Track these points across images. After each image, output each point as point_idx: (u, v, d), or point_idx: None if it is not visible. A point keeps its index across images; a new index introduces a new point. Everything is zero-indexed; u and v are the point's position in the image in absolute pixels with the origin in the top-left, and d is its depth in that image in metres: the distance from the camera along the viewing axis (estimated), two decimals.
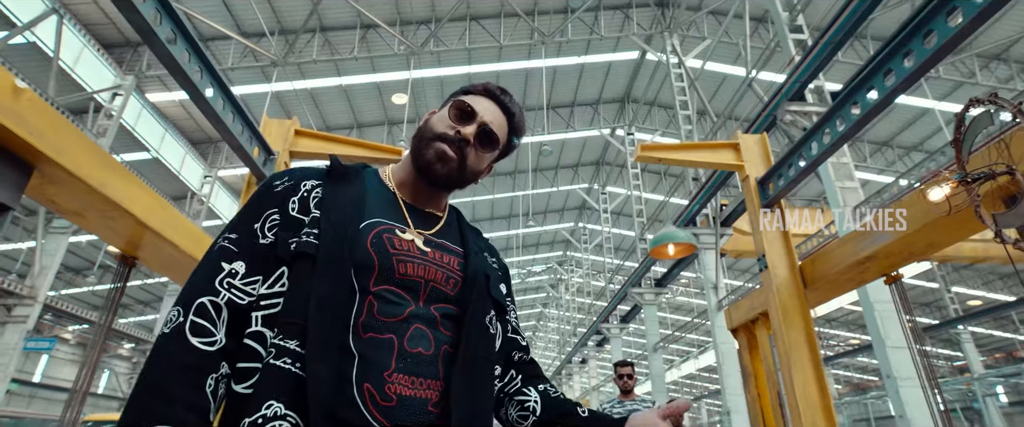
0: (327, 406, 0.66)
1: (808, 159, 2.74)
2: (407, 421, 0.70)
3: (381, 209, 0.86)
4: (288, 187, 0.84)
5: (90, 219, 2.07)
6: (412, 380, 0.73)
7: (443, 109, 0.95)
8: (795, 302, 2.79)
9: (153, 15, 1.72)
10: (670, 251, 5.20)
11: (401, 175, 0.94)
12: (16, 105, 1.54)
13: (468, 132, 0.90)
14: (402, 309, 0.77)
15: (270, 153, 3.05)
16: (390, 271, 0.78)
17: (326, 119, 15.89)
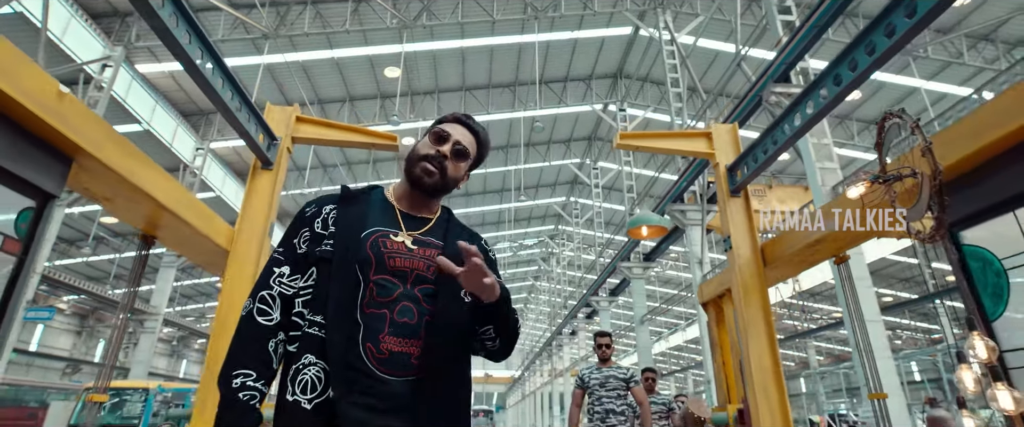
0: (341, 358, 1.01)
1: (773, 147, 2.98)
2: (395, 368, 1.03)
3: (380, 220, 1.17)
4: (314, 212, 1.19)
5: (117, 203, 2.30)
6: (399, 340, 1.05)
7: (425, 137, 1.26)
8: (755, 280, 3.08)
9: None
10: (644, 233, 5.61)
11: (400, 190, 1.25)
12: (60, 107, 1.75)
13: (445, 150, 1.21)
14: (393, 291, 1.08)
15: (273, 139, 3.26)
16: (383, 265, 1.10)
17: (318, 92, 15.85)
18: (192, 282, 27.12)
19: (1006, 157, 1.80)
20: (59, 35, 11.96)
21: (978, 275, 1.96)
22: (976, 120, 1.82)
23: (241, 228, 3.06)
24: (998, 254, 1.90)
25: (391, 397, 1.01)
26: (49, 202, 1.87)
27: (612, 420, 3.65)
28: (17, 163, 1.72)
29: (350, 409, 0.97)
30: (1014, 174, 1.80)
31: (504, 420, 44.05)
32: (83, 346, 26.07)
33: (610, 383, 3.73)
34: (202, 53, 2.48)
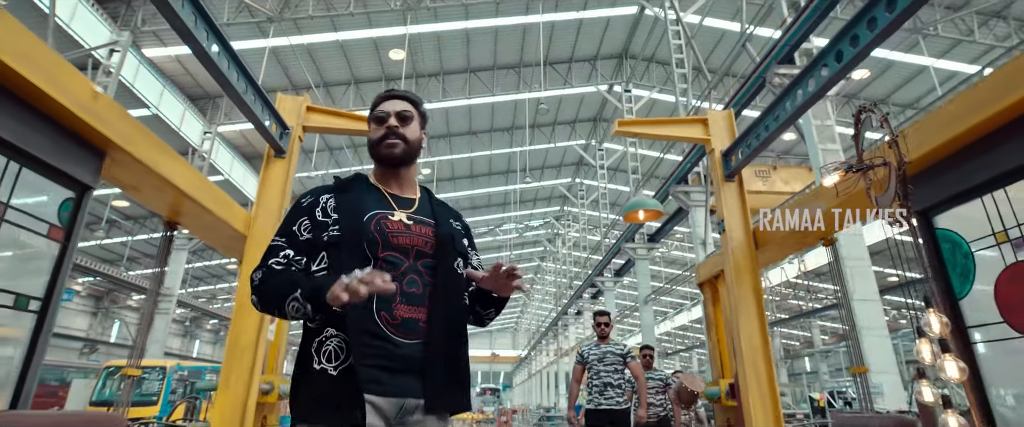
0: (360, 326, 1.14)
1: (766, 132, 3.09)
2: (407, 332, 1.18)
3: (375, 203, 1.29)
4: (312, 202, 1.29)
5: (144, 192, 2.47)
6: (409, 308, 1.19)
7: (371, 121, 1.40)
8: (747, 262, 3.22)
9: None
10: (641, 217, 5.78)
11: (378, 175, 1.38)
12: (95, 105, 1.90)
13: (392, 123, 1.34)
14: (401, 266, 1.23)
15: (285, 128, 3.40)
16: (388, 243, 1.23)
17: (323, 75, 15.91)
18: (203, 264, 27.58)
19: (974, 147, 1.92)
20: (67, 20, 12.05)
21: (948, 257, 2.09)
22: (946, 112, 1.93)
23: (257, 213, 3.23)
24: (966, 237, 2.03)
25: (403, 358, 1.15)
26: (86, 193, 2.03)
27: (610, 393, 3.85)
28: (58, 158, 1.88)
29: (369, 371, 1.11)
30: (981, 163, 1.92)
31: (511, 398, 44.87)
32: (99, 327, 26.71)
33: (608, 359, 3.92)
34: (207, 34, 2.54)
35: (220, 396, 2.92)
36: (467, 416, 21.01)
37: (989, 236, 1.94)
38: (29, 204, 1.83)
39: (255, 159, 19.31)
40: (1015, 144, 1.77)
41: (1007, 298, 1.86)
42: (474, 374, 52.33)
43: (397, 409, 1.14)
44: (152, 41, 14.36)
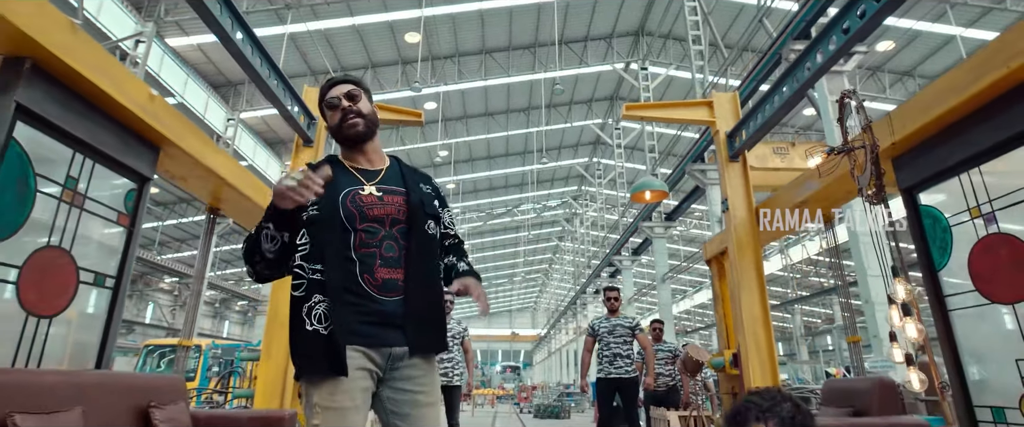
0: (342, 288, 1.28)
1: (768, 113, 3.22)
2: (388, 291, 1.32)
3: (346, 180, 1.41)
4: None
5: (191, 181, 2.74)
6: (388, 270, 1.34)
7: (323, 107, 1.50)
8: (749, 238, 3.39)
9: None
10: (647, 197, 5.95)
11: (346, 154, 1.50)
12: (152, 106, 2.15)
13: (344, 105, 1.45)
14: (378, 234, 1.36)
15: (312, 118, 3.64)
16: (364, 216, 1.36)
17: (341, 60, 16.11)
18: (230, 247, 28.40)
19: (951, 129, 2.05)
20: (95, 14, 12.44)
21: (930, 231, 2.24)
22: (926, 96, 2.07)
23: None
24: (946, 213, 2.18)
25: (386, 314, 1.30)
26: (146, 183, 2.30)
27: (619, 362, 4.08)
28: (122, 153, 2.14)
29: (357, 326, 1.27)
30: (958, 143, 2.05)
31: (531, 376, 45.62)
32: (134, 308, 27.87)
33: (617, 331, 4.14)
34: (232, 24, 2.74)
35: (263, 365, 3.23)
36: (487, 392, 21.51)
37: (965, 211, 2.09)
38: (101, 195, 2.10)
39: (277, 144, 19.74)
40: (987, 126, 1.90)
41: (978, 268, 2.02)
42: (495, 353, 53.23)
43: (386, 358, 1.31)
44: (175, 31, 14.69)
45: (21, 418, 1.40)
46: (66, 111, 1.87)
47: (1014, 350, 1.92)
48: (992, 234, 1.98)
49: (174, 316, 26.78)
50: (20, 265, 1.82)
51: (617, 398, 4.13)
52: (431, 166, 22.37)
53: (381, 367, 1.32)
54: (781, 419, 1.07)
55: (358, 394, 1.26)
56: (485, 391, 23.37)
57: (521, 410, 19.11)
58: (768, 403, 1.11)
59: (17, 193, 1.74)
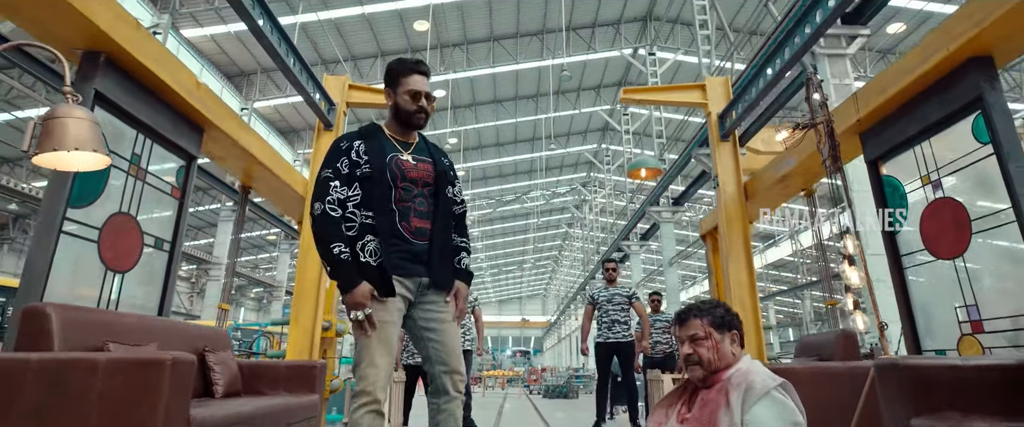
0: (389, 231, 1.65)
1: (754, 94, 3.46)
2: (420, 236, 1.71)
3: (390, 147, 1.77)
4: (348, 146, 1.75)
5: (228, 161, 3.06)
6: (419, 220, 1.72)
7: (402, 90, 1.80)
8: (737, 212, 3.66)
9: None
10: (643, 174, 6.24)
11: (393, 127, 1.83)
12: (198, 92, 2.47)
13: (423, 104, 1.80)
14: (413, 191, 1.73)
15: (331, 104, 3.95)
16: (404, 176, 1.72)
17: (351, 49, 16.36)
18: (246, 235, 29.02)
19: (906, 106, 2.30)
20: None
21: (890, 198, 2.50)
22: (885, 77, 2.32)
23: (313, 179, 3.81)
24: (903, 180, 2.44)
25: (416, 253, 1.69)
26: (192, 161, 2.63)
27: (617, 328, 4.41)
28: (175, 134, 2.46)
29: (396, 260, 1.65)
30: (913, 118, 2.30)
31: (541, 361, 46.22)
32: None
33: (615, 299, 4.46)
34: (263, 17, 3.03)
35: (292, 329, 3.57)
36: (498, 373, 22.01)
37: (917, 179, 2.35)
38: (157, 170, 2.43)
39: (289, 133, 20.11)
40: (934, 102, 2.16)
41: (928, 230, 2.28)
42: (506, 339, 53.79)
43: (416, 285, 1.70)
44: (189, 22, 15.02)
45: (113, 346, 1.74)
46: (131, 97, 2.18)
47: (954, 298, 2.18)
48: (938, 199, 2.24)
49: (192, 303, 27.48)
50: (100, 227, 2.16)
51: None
52: None
53: (413, 293, 1.70)
54: (714, 316, 1.40)
55: (395, 312, 1.65)
56: (495, 373, 23.82)
57: (531, 392, 19.60)
58: (707, 306, 1.44)
59: None
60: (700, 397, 1.35)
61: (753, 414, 1.21)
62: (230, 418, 1.83)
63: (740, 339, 1.42)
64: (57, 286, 1.98)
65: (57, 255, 1.96)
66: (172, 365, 1.44)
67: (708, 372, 1.36)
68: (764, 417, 1.20)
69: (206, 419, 1.64)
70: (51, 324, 1.59)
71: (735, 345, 1.39)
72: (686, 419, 1.33)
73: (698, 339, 1.39)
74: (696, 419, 1.29)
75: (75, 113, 1.37)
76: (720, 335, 1.38)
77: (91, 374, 1.42)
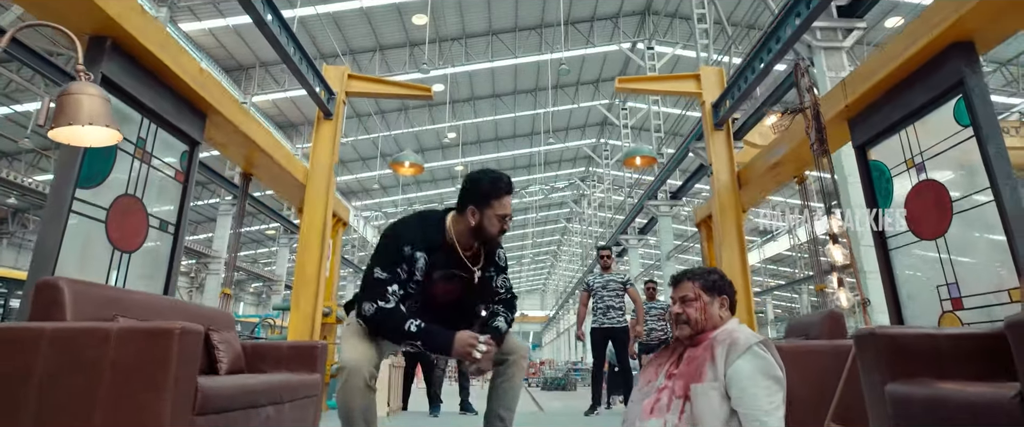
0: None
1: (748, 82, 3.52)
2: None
3: (456, 264, 1.71)
4: (411, 254, 1.65)
5: (230, 148, 3.11)
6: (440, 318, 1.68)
7: (491, 213, 1.68)
8: (731, 199, 3.73)
9: None
10: (637, 162, 6.34)
11: (463, 239, 1.72)
12: (201, 78, 2.52)
13: (507, 226, 1.71)
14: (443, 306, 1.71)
15: (331, 93, 4.01)
16: (435, 302, 1.70)
17: (350, 43, 16.36)
18: (244, 230, 29.05)
19: (891, 92, 2.37)
20: None
21: (876, 182, 2.57)
22: (871, 64, 2.38)
23: (313, 167, 3.88)
24: (888, 164, 2.50)
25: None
26: (196, 147, 2.68)
27: (611, 314, 4.50)
28: (178, 118, 2.51)
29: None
30: (898, 104, 2.37)
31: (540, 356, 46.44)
32: None
33: (610, 286, 4.55)
34: (264, 8, 3.08)
35: (293, 314, 3.64)
36: None
37: (902, 163, 2.41)
38: (162, 154, 2.49)
39: (287, 127, 20.11)
40: (918, 87, 2.22)
41: (912, 212, 2.35)
42: None
43: None
44: (188, 16, 15.00)
45: (123, 320, 1.80)
46: (137, 82, 2.24)
47: (936, 278, 2.26)
48: (922, 181, 2.31)
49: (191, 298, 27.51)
50: (107, 207, 2.22)
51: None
52: (439, 148, 22.71)
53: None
54: (705, 280, 1.47)
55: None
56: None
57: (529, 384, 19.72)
58: (701, 271, 1.52)
59: (104, 149, 2.12)
60: (687, 354, 1.44)
61: (735, 367, 1.29)
62: (235, 389, 1.90)
63: (730, 305, 1.50)
64: (67, 265, 2.04)
65: (67, 234, 2.03)
66: (180, 334, 1.51)
67: (694, 331, 1.45)
68: (745, 370, 1.28)
69: (212, 388, 1.71)
70: (63, 296, 1.66)
71: (724, 310, 1.48)
72: (673, 374, 1.41)
73: (688, 300, 1.48)
74: (683, 374, 1.38)
75: (88, 90, 1.43)
76: (709, 298, 1.47)
77: (103, 342, 1.49)
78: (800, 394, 2.04)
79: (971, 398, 1.25)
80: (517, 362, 1.75)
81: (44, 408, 1.45)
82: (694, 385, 1.32)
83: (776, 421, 1.25)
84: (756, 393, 1.26)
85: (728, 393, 1.29)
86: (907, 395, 1.42)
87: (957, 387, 1.34)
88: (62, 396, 1.45)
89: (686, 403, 1.31)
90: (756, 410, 1.25)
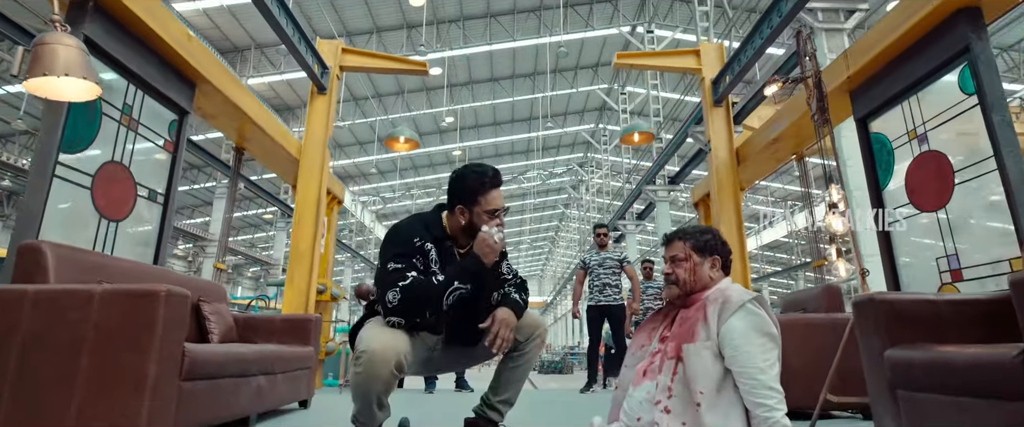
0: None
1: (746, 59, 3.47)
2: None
3: (451, 258, 1.59)
4: (421, 244, 1.55)
5: (220, 120, 3.05)
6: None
7: (480, 210, 1.59)
8: (729, 176, 3.69)
9: None
10: (636, 139, 6.30)
11: (459, 237, 1.64)
12: (189, 45, 2.45)
13: (502, 221, 1.61)
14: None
15: (325, 67, 3.93)
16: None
17: (346, 24, 16.15)
18: (240, 214, 28.93)
19: (893, 63, 2.32)
20: None
21: (877, 154, 2.53)
22: (872, 35, 2.32)
23: (306, 141, 3.82)
24: (890, 137, 2.46)
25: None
26: (185, 116, 2.63)
27: (608, 291, 4.48)
28: (166, 86, 2.45)
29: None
30: (899, 74, 2.32)
31: None
32: None
33: (606, 263, 4.52)
34: None
35: (287, 290, 3.61)
36: None
37: (904, 135, 2.37)
38: (151, 123, 2.43)
39: (284, 111, 19.93)
40: (920, 57, 2.17)
41: (913, 183, 2.32)
42: None
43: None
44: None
45: (110, 285, 1.76)
46: (122, 45, 2.18)
47: (935, 251, 2.23)
48: (924, 152, 2.27)
49: None
50: (93, 174, 2.17)
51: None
52: (437, 132, 22.57)
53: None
54: (697, 240, 1.43)
55: (421, 346, 1.57)
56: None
57: None
58: (693, 230, 1.47)
59: (88, 114, 2.07)
60: (680, 315, 1.40)
61: (729, 325, 1.25)
62: (225, 356, 1.87)
63: (723, 265, 1.45)
64: (51, 232, 2.00)
65: (51, 200, 1.98)
66: (166, 296, 1.47)
67: (684, 292, 1.41)
68: (739, 327, 1.24)
69: (200, 354, 1.68)
70: (46, 260, 1.62)
71: (716, 270, 1.43)
72: (666, 337, 1.38)
73: (678, 260, 1.44)
74: (676, 335, 1.34)
75: (64, 40, 1.38)
76: (700, 258, 1.42)
77: (86, 304, 1.45)
78: (797, 366, 2.03)
79: (973, 359, 1.22)
80: (536, 340, 1.69)
81: (26, 369, 1.42)
82: (686, 345, 1.28)
83: (771, 378, 1.22)
84: (750, 350, 1.22)
85: (722, 352, 1.25)
86: (907, 359, 1.40)
87: (957, 350, 1.31)
88: (44, 359, 1.42)
89: (678, 364, 1.27)
90: (750, 367, 1.21)
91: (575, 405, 3.35)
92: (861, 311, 1.55)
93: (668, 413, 1.24)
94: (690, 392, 1.24)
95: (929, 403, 1.33)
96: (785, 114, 3.14)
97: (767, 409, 1.20)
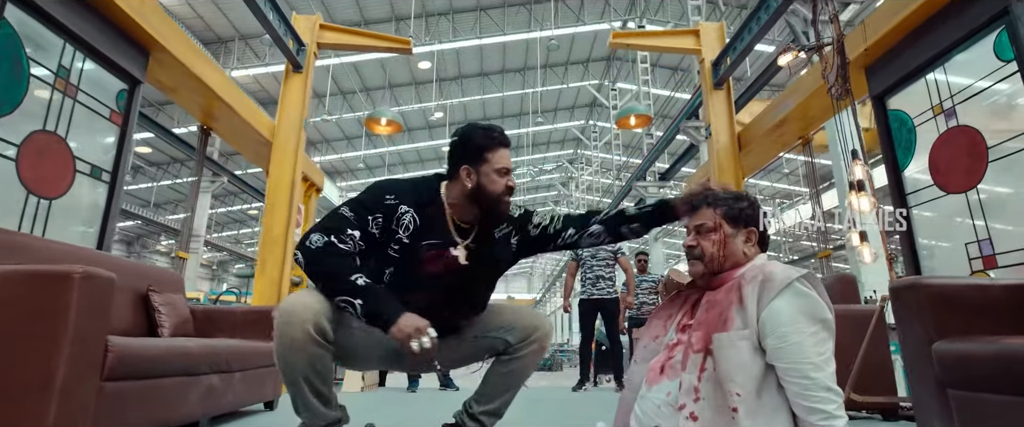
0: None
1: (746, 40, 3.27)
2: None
3: (443, 234, 1.35)
4: (394, 205, 1.33)
5: (182, 94, 2.78)
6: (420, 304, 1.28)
7: (489, 168, 1.36)
8: (730, 161, 3.48)
9: None
10: (632, 122, 6.16)
11: (458, 206, 1.39)
12: (142, 8, 2.19)
13: (512, 183, 1.38)
14: (424, 283, 1.31)
15: (301, 44, 3.67)
16: (422, 278, 1.32)
17: (332, 15, 15.77)
18: (225, 209, 28.39)
19: (917, 32, 2.12)
20: None
21: (896, 133, 2.33)
22: (891, 4, 2.12)
23: (280, 122, 3.55)
24: (911, 114, 2.27)
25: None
26: (137, 86, 2.35)
27: (601, 284, 4.27)
28: (114, 52, 2.18)
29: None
30: (923, 44, 2.12)
31: None
32: None
33: (600, 255, 4.31)
34: None
35: (258, 279, 3.35)
36: None
37: (928, 110, 2.17)
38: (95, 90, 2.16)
39: (269, 104, 19.47)
40: (947, 24, 1.97)
41: (937, 162, 2.12)
42: None
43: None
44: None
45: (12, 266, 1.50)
46: (56, 1, 1.91)
47: (964, 235, 2.04)
48: (952, 128, 2.07)
49: None
50: (18, 144, 1.90)
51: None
52: (426, 127, 22.26)
53: None
54: (730, 207, 1.17)
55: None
56: None
57: None
58: (725, 195, 1.19)
59: (12, 71, 1.80)
60: (706, 299, 1.15)
61: (772, 309, 1.00)
62: (166, 352, 1.62)
63: (760, 241, 1.18)
64: None
65: None
66: (82, 279, 1.22)
67: (710, 271, 1.16)
68: (786, 312, 0.99)
69: (131, 349, 1.43)
70: None
71: (750, 246, 1.16)
72: (688, 327, 1.14)
73: (705, 230, 1.17)
74: (702, 323, 1.09)
75: None
76: (733, 229, 1.15)
77: None
78: None
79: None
80: (533, 343, 1.43)
81: None
82: (717, 335, 1.02)
83: (827, 377, 0.96)
84: (801, 341, 0.97)
85: (762, 344, 1.00)
86: (962, 353, 1.19)
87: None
88: None
89: (707, 358, 1.02)
90: (802, 363, 0.96)
91: (567, 404, 3.14)
92: (902, 298, 1.34)
93: (695, 420, 0.99)
94: (724, 394, 0.99)
95: (989, 405, 1.12)
96: (791, 94, 2.94)
97: (824, 415, 0.95)
